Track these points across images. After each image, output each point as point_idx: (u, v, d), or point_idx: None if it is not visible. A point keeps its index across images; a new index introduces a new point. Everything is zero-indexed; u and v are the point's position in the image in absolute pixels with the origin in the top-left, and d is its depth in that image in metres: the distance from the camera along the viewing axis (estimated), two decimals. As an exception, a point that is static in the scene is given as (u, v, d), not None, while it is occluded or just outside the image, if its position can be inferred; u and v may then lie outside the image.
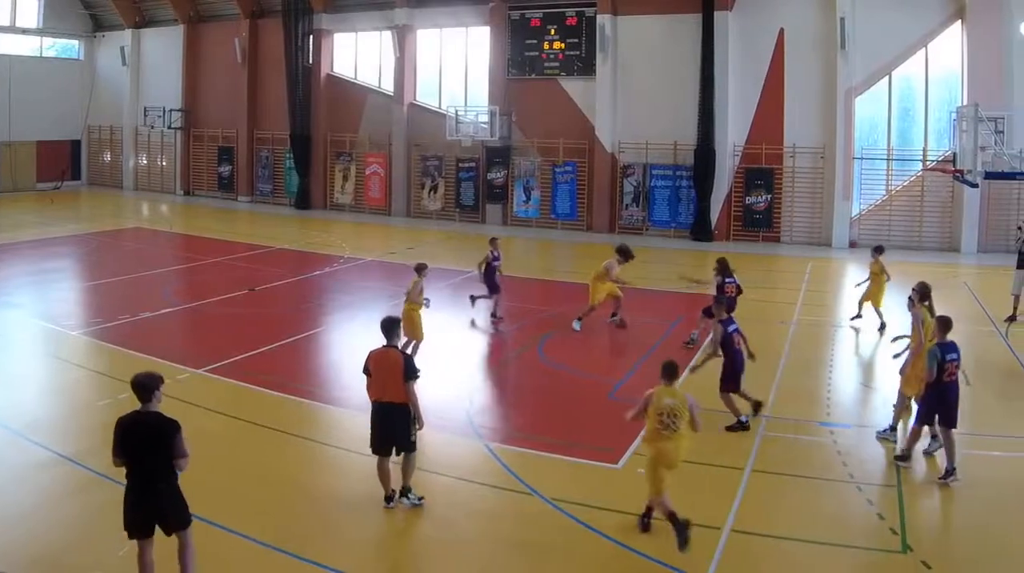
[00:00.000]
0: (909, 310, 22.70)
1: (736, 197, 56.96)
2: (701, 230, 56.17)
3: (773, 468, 19.69)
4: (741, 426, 22.01)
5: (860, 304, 33.85)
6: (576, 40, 61.07)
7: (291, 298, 37.83)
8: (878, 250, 33.99)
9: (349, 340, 30.90)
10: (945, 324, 19.71)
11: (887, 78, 54.36)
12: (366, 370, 17.34)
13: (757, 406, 22.92)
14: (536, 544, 16.21)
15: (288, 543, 15.63)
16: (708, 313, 26.24)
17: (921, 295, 22.21)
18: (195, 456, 13.85)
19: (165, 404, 13.78)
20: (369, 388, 17.44)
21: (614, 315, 32.80)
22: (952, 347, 19.45)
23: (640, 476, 17.44)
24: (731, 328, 22.98)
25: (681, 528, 15.48)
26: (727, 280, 29.54)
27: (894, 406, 21.80)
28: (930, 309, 22.00)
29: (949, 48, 52.77)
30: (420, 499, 17.45)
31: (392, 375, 16.89)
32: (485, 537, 16.66)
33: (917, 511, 17.54)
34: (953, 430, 18.98)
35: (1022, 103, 47.77)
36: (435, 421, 20.36)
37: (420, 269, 27.83)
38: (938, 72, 53.55)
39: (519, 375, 27.33)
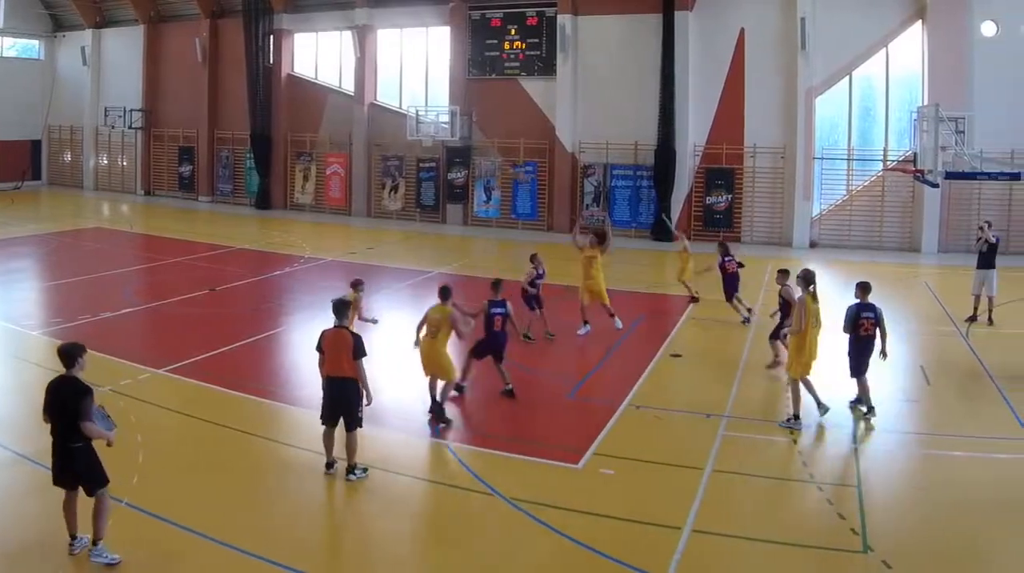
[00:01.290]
0: (780, 287, 26.17)
1: (696, 197, 55.98)
2: (662, 230, 54.47)
3: (733, 468, 19.31)
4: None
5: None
6: (537, 40, 60.09)
7: (251, 298, 36.78)
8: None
9: (309, 340, 28.12)
10: (864, 287, 22.83)
11: (848, 78, 53.54)
12: (319, 348, 18.68)
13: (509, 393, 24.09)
14: (497, 544, 16.04)
15: (247, 543, 15.34)
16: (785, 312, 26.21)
17: (806, 281, 22.33)
18: (155, 455, 16.05)
19: (124, 403, 16.72)
20: (322, 365, 18.69)
21: (586, 323, 31.65)
22: (869, 306, 22.45)
23: (603, 476, 18.25)
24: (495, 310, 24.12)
25: (440, 412, 20.00)
26: (726, 259, 32.48)
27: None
28: (814, 296, 22.35)
29: (909, 48, 52.10)
30: (364, 471, 18.42)
31: (343, 353, 18.22)
32: (446, 537, 16.49)
33: (878, 511, 17.11)
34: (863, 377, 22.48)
35: (982, 103, 47.42)
36: (396, 421, 21.76)
37: (356, 285, 26.05)
38: (899, 72, 52.79)
39: (480, 375, 25.65)
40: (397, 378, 25.13)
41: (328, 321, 23.54)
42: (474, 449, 20.42)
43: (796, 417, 21.63)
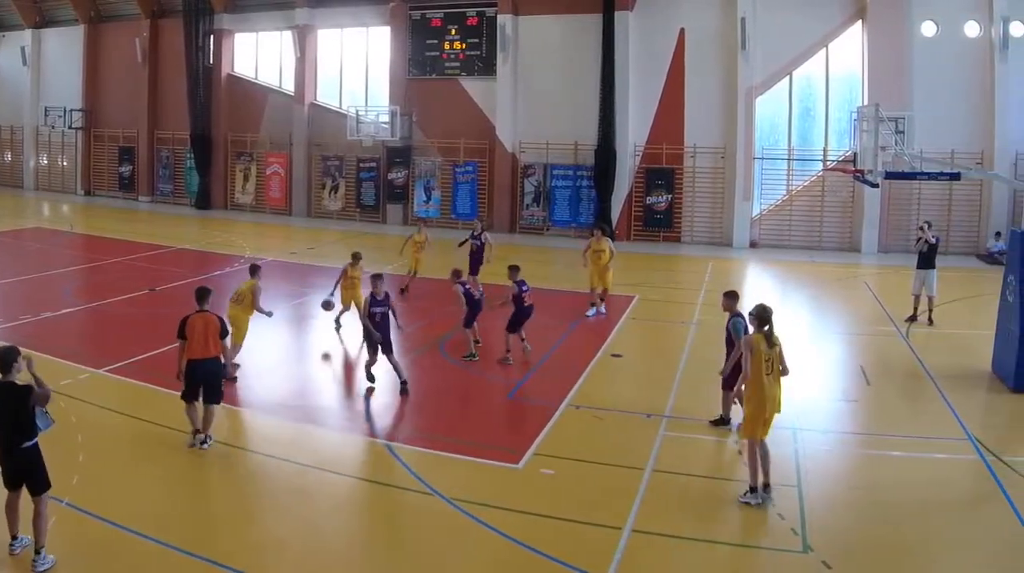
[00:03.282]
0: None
1: (637, 197, 54.94)
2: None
3: (674, 468, 18.90)
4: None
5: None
6: (477, 40, 58.81)
7: (191, 298, 35.03)
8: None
9: (250, 340, 28.47)
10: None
11: (788, 78, 52.84)
12: (182, 334, 19.21)
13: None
14: (437, 544, 15.57)
15: (187, 542, 14.98)
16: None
17: (760, 320, 17.37)
18: (96, 455, 16.37)
19: (65, 403, 17.15)
20: (187, 349, 19.15)
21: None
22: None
23: (543, 476, 18.06)
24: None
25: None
26: (524, 289, 27.73)
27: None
28: (768, 338, 17.18)
29: (849, 48, 51.52)
30: (214, 442, 19.24)
31: (211, 334, 19.21)
32: (385, 536, 16.34)
33: (818, 511, 16.81)
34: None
35: (922, 103, 46.75)
36: (335, 421, 22.13)
37: (254, 270, 26.68)
38: (839, 72, 52.16)
39: (420, 374, 25.66)
40: (336, 379, 25.61)
41: (268, 322, 26.72)
42: (414, 449, 19.84)
43: (753, 489, 17.02)
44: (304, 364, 28.22)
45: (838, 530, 16.17)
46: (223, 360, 19.86)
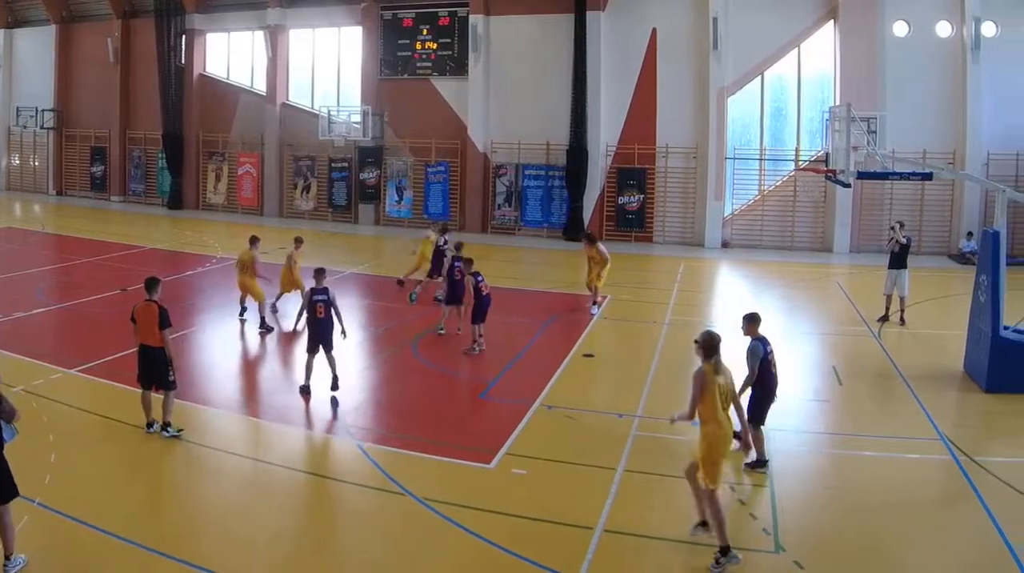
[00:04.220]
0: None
1: (609, 197, 54.39)
2: (574, 230, 53.13)
3: (645, 468, 18.82)
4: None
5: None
6: (449, 40, 58.23)
7: (163, 298, 34.68)
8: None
9: (221, 340, 29.99)
10: (754, 319, 18.89)
11: (759, 78, 52.41)
12: (133, 319, 19.97)
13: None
14: (408, 544, 15.55)
15: (160, 543, 14.90)
16: None
17: (707, 349, 15.27)
18: (67, 455, 16.70)
19: (37, 403, 17.70)
20: (135, 334, 20.00)
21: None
22: (765, 341, 18.79)
23: (515, 476, 18.02)
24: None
25: None
26: (479, 279, 28.34)
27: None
28: (716, 367, 15.17)
29: (821, 48, 51.12)
30: (179, 431, 19.66)
31: (151, 324, 19.63)
32: (357, 537, 16.09)
33: (790, 511, 16.80)
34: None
35: (894, 103, 46.63)
36: (307, 420, 22.01)
37: (253, 241, 31.75)
38: (811, 72, 51.74)
39: (392, 375, 26.18)
40: (309, 406, 24.04)
41: (250, 320, 28.43)
42: (386, 449, 19.72)
43: (725, 552, 14.49)
44: (274, 364, 27.96)
45: (810, 530, 16.13)
46: (168, 353, 19.91)
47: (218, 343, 29.19)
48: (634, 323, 32.54)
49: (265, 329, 29.65)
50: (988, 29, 47.72)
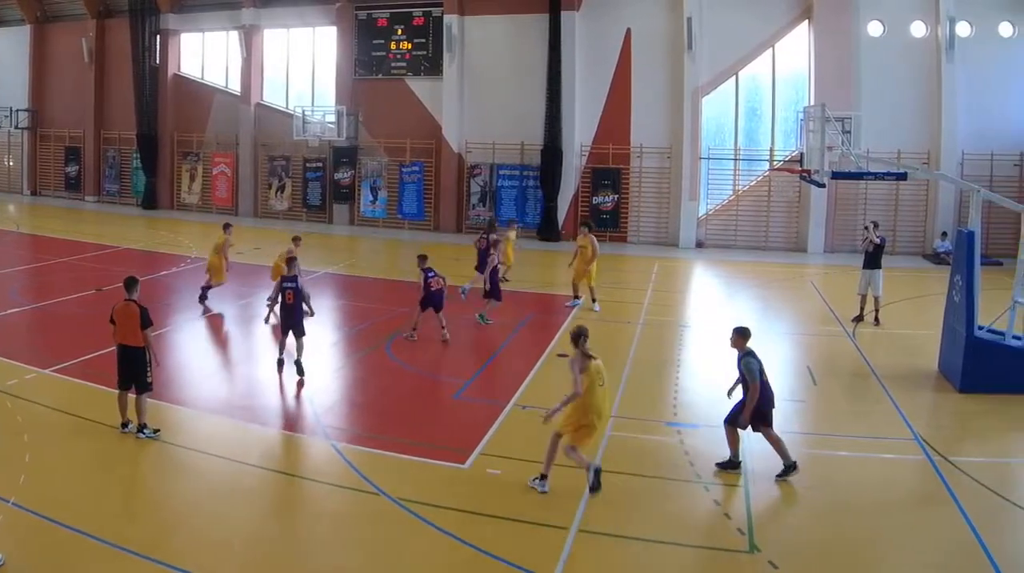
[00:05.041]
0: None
1: (583, 197, 54.10)
2: (548, 230, 53.25)
3: (620, 468, 18.62)
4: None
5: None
6: (423, 40, 57.74)
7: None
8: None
9: (195, 339, 29.89)
10: (743, 334, 18.96)
11: (734, 78, 52.17)
12: (112, 320, 19.82)
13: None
14: (383, 544, 15.49)
15: (135, 542, 14.77)
16: None
17: (577, 339, 17.33)
18: (42, 455, 16.88)
19: (11, 403, 17.84)
20: (114, 334, 19.82)
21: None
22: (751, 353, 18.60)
23: (490, 476, 18.05)
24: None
25: None
26: (430, 275, 29.26)
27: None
28: (584, 354, 17.12)
29: (796, 48, 50.91)
30: (156, 432, 19.53)
31: (131, 323, 19.48)
32: (331, 537, 15.78)
33: (764, 511, 16.94)
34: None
35: (869, 103, 46.65)
36: (282, 421, 21.84)
37: (226, 227, 33.78)
38: (785, 72, 51.53)
39: (367, 375, 26.10)
40: (284, 377, 24.92)
41: (214, 321, 28.40)
42: (360, 449, 19.64)
43: (543, 477, 17.35)
44: (250, 364, 27.61)
45: (785, 530, 16.22)
46: (148, 354, 19.80)
47: (193, 343, 29.03)
48: (608, 323, 32.10)
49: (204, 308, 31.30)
50: (963, 29, 47.57)
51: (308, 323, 25.63)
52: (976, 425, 22.26)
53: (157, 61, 66.20)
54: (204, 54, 67.19)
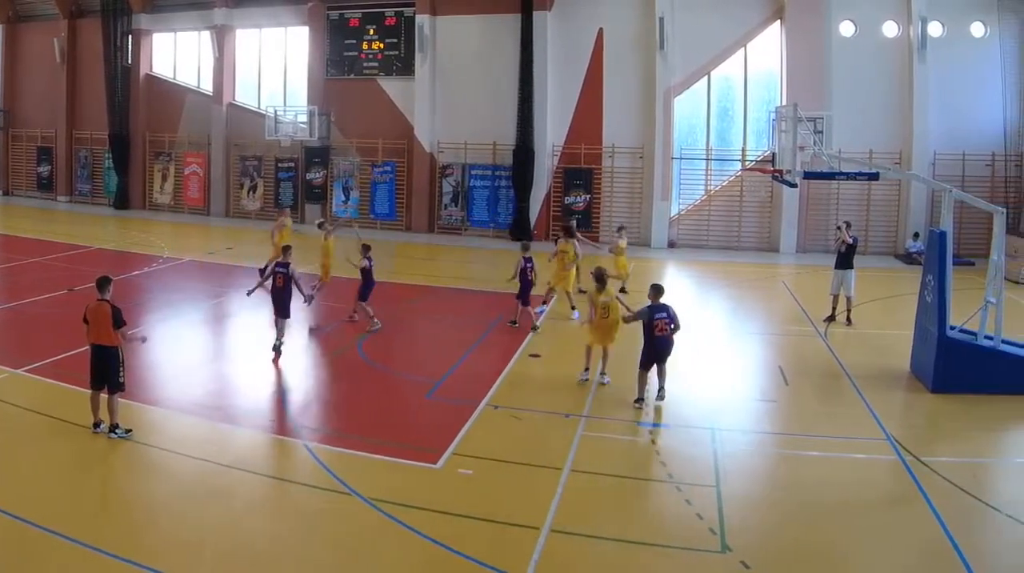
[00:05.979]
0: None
1: (555, 197, 53.63)
2: (520, 230, 52.41)
3: (592, 468, 18.81)
4: None
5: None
6: (395, 40, 57.26)
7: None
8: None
9: (168, 340, 29.38)
10: (656, 290, 23.18)
11: (706, 78, 51.78)
12: (85, 320, 19.79)
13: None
14: (355, 544, 15.45)
15: (106, 542, 14.74)
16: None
17: (597, 280, 24.31)
18: (14, 455, 17.24)
19: None
20: (87, 334, 19.77)
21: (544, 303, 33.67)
22: (661, 308, 22.77)
23: (462, 476, 18.04)
24: None
25: None
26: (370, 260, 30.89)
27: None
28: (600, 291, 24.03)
29: (768, 48, 50.57)
30: (128, 431, 19.52)
31: (103, 323, 19.47)
32: (303, 537, 15.65)
33: (736, 511, 16.78)
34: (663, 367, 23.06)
35: (841, 103, 46.41)
36: (256, 420, 21.47)
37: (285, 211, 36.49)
38: (757, 72, 51.19)
39: (339, 375, 26.10)
40: (254, 379, 25.16)
41: (187, 322, 28.73)
42: (332, 449, 19.63)
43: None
44: (222, 364, 27.56)
45: (757, 530, 16.11)
46: (120, 355, 19.79)
47: (165, 343, 28.68)
48: (580, 323, 31.31)
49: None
50: (934, 29, 47.33)
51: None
52: (948, 425, 22.22)
53: (129, 61, 65.36)
54: (176, 54, 66.39)
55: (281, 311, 26.69)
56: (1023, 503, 17.15)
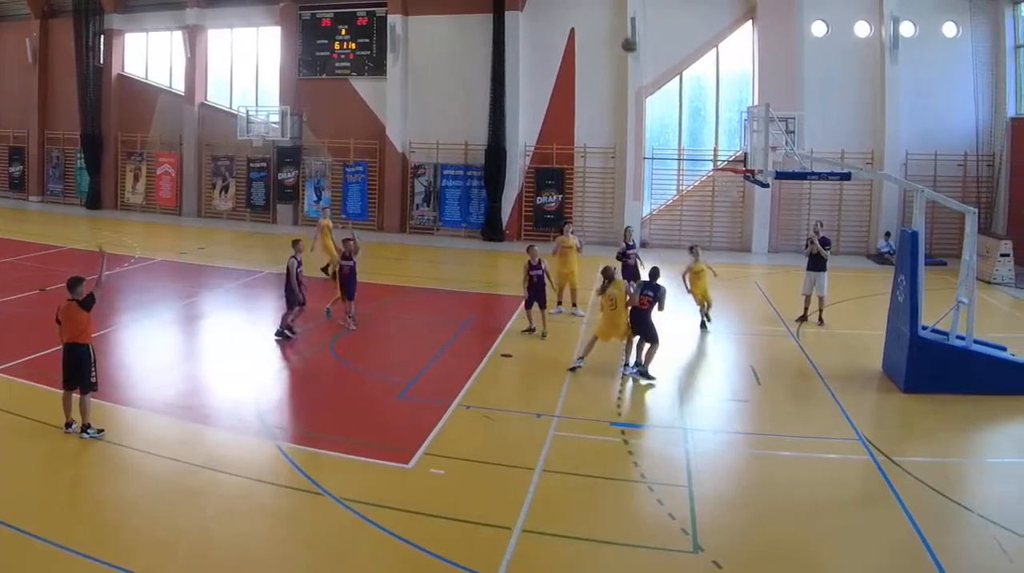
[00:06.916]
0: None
1: (527, 197, 53.28)
2: (492, 230, 52.48)
3: (564, 468, 18.79)
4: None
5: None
6: (367, 40, 56.85)
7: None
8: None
9: (139, 340, 29.61)
10: (653, 271, 26.29)
11: (678, 78, 51.50)
12: (57, 320, 19.79)
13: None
14: (327, 544, 15.34)
15: (77, 543, 14.69)
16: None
17: (605, 277, 25.99)
18: None
19: None
20: (60, 334, 19.75)
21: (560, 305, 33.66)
22: (652, 286, 25.32)
23: (434, 476, 18.09)
24: None
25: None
26: (344, 262, 31.24)
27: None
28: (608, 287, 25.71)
29: (740, 48, 50.39)
30: (100, 431, 19.42)
31: (75, 320, 19.58)
32: (276, 537, 15.84)
33: (708, 511, 16.79)
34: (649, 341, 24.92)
35: (813, 103, 46.21)
36: (226, 421, 21.30)
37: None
38: (729, 72, 50.96)
39: (311, 375, 26.19)
40: (226, 380, 25.19)
41: (159, 322, 28.84)
42: (304, 449, 19.65)
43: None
44: (194, 364, 27.34)
45: (729, 530, 16.09)
46: (92, 355, 19.88)
47: (136, 343, 28.71)
48: (552, 322, 31.63)
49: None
50: (906, 29, 47.18)
51: (250, 323, 28.32)
52: (920, 425, 22.19)
53: (101, 61, 64.65)
54: (148, 54, 65.61)
55: (349, 294, 29.75)
56: (995, 502, 17.14)
